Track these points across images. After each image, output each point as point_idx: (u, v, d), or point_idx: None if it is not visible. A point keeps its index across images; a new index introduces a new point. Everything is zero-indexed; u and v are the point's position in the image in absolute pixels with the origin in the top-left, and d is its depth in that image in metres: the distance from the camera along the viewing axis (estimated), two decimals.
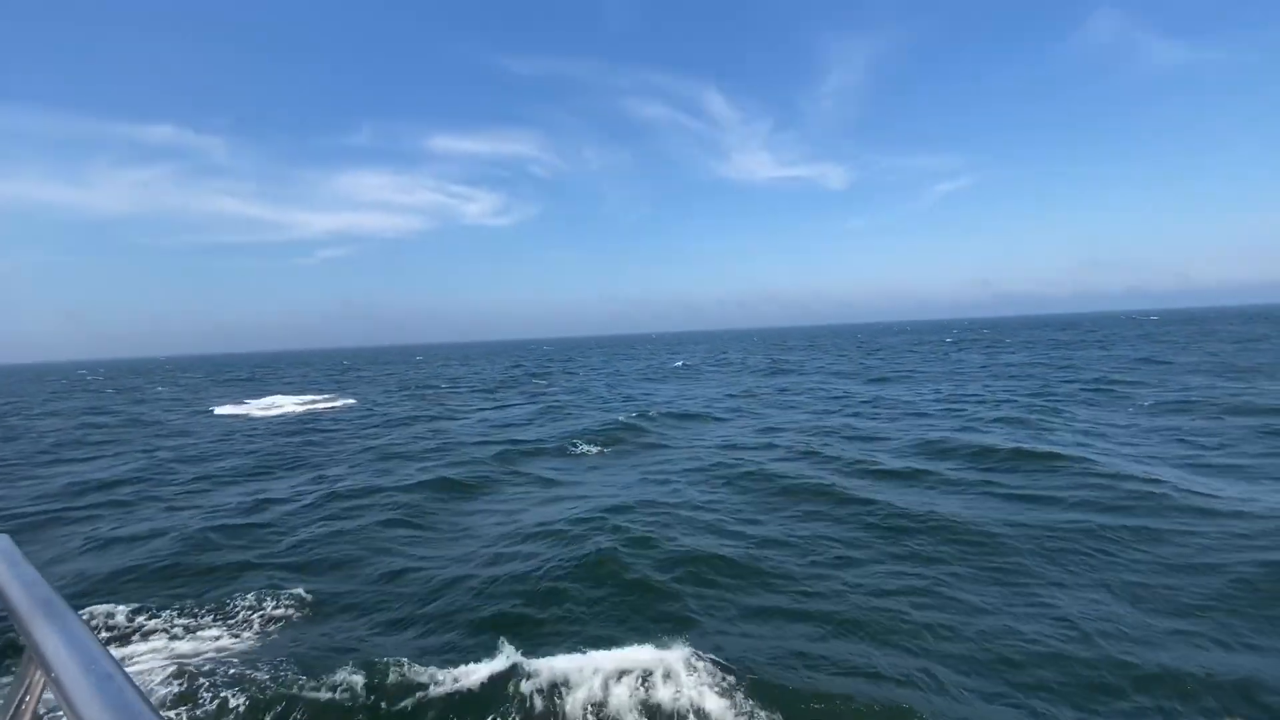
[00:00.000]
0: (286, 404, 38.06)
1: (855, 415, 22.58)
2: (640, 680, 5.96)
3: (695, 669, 6.10)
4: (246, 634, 7.50)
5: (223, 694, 5.89)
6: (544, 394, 37.71)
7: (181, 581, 9.26)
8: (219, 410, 35.66)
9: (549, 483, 14.68)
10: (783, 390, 32.80)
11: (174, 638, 7.40)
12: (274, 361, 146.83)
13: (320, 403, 38.59)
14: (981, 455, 14.68)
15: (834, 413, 23.45)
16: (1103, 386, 26.30)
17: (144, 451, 21.80)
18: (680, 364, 61.33)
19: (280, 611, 8.02)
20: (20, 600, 1.01)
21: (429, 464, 16.90)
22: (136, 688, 0.82)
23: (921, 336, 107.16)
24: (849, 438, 18.10)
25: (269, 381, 65.48)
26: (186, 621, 7.80)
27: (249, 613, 8.03)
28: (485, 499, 13.56)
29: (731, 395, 31.58)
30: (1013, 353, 51.97)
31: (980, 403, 23.50)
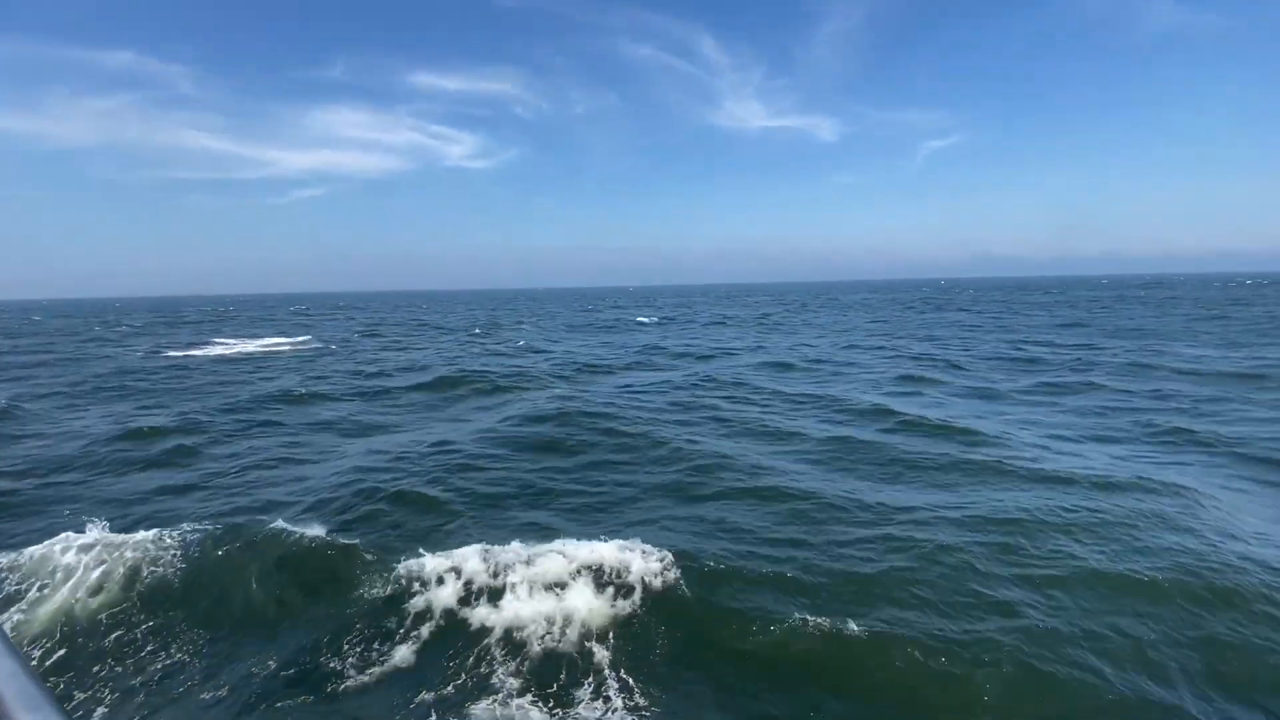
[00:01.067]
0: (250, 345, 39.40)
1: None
2: None
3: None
4: None
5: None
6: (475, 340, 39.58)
7: None
8: (172, 352, 35.94)
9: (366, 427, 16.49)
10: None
11: None
12: (243, 305, 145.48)
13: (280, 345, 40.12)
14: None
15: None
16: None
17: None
18: (616, 319, 63.09)
19: None
20: (6, 694, 0.95)
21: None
22: None
23: (891, 296, 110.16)
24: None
25: (243, 324, 65.78)
26: None
27: None
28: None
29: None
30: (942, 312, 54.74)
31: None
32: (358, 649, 6.40)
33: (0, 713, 0.92)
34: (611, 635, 6.44)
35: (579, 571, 7.31)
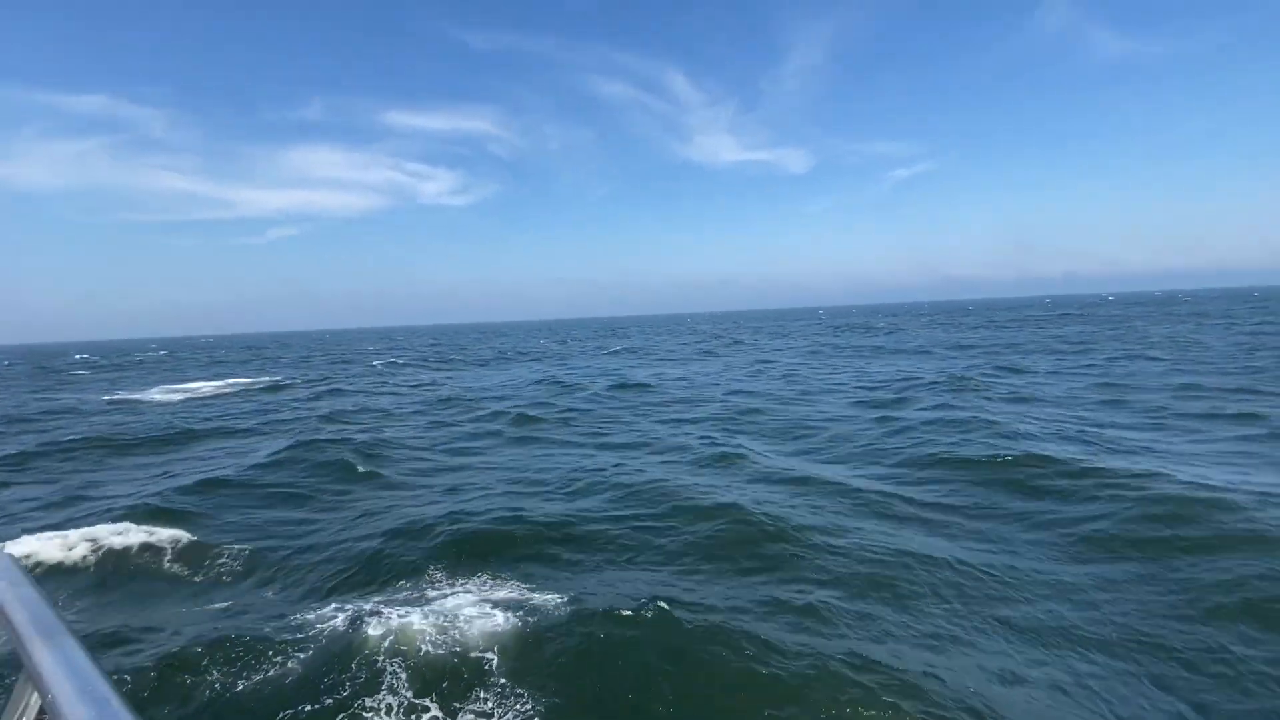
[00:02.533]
0: (204, 388, 35.66)
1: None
2: None
3: None
4: None
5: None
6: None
7: None
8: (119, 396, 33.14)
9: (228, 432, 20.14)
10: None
11: None
12: (221, 344, 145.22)
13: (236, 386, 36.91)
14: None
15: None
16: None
17: None
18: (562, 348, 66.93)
19: None
20: (19, 620, 0.99)
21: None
22: (133, 711, 0.82)
23: (836, 322, 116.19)
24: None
25: (226, 365, 62.49)
26: None
27: None
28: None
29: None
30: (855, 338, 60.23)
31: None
32: None
33: (17, 638, 0.94)
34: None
35: None
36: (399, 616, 6.71)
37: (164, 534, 9.77)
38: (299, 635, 6.51)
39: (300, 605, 7.55)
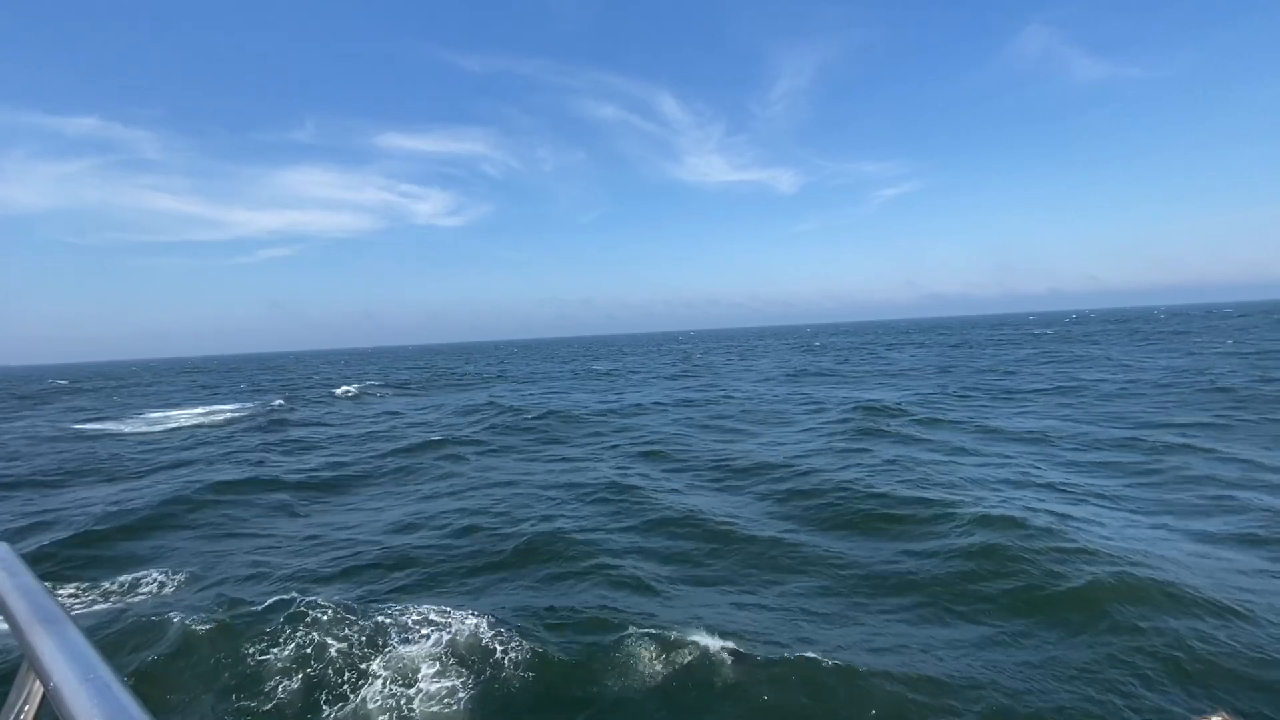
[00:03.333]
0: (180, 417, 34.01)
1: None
2: None
3: None
4: None
5: None
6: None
7: None
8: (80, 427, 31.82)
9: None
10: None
11: None
12: (207, 366, 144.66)
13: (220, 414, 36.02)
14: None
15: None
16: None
17: None
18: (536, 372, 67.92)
19: None
20: (19, 608, 0.99)
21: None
22: (135, 696, 0.83)
23: (806, 339, 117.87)
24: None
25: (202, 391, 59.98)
26: None
27: None
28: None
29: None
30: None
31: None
32: None
33: (18, 626, 0.95)
34: None
35: None
36: None
37: None
38: None
39: None
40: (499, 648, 6.97)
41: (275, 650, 7.09)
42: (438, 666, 6.77)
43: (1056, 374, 32.17)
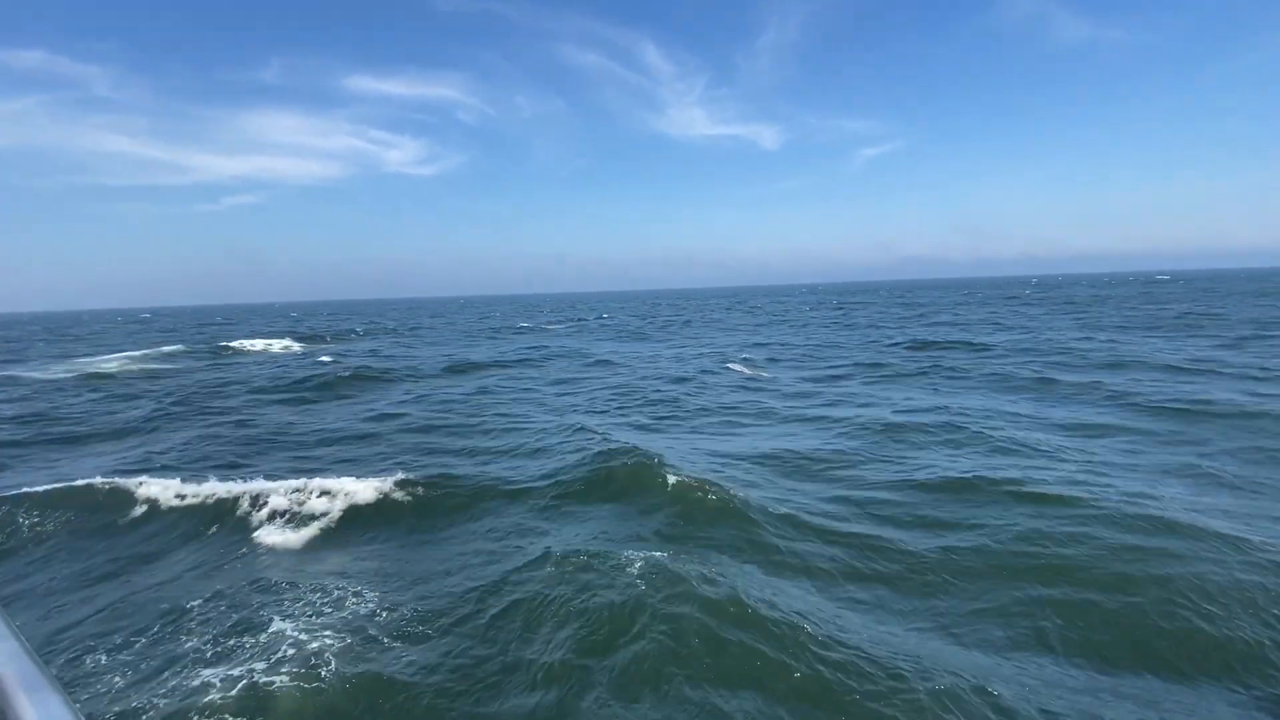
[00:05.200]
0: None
1: None
2: None
3: None
4: None
5: None
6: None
7: None
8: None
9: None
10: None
11: None
12: (163, 315, 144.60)
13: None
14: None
15: None
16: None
17: None
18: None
19: None
20: (4, 674, 0.97)
21: None
22: None
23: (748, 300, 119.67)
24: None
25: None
26: None
27: None
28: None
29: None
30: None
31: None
32: None
33: (2, 693, 0.93)
34: None
35: None
36: None
37: None
38: None
39: None
40: None
41: None
42: None
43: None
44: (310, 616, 6.97)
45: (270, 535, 9.80)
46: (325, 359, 33.55)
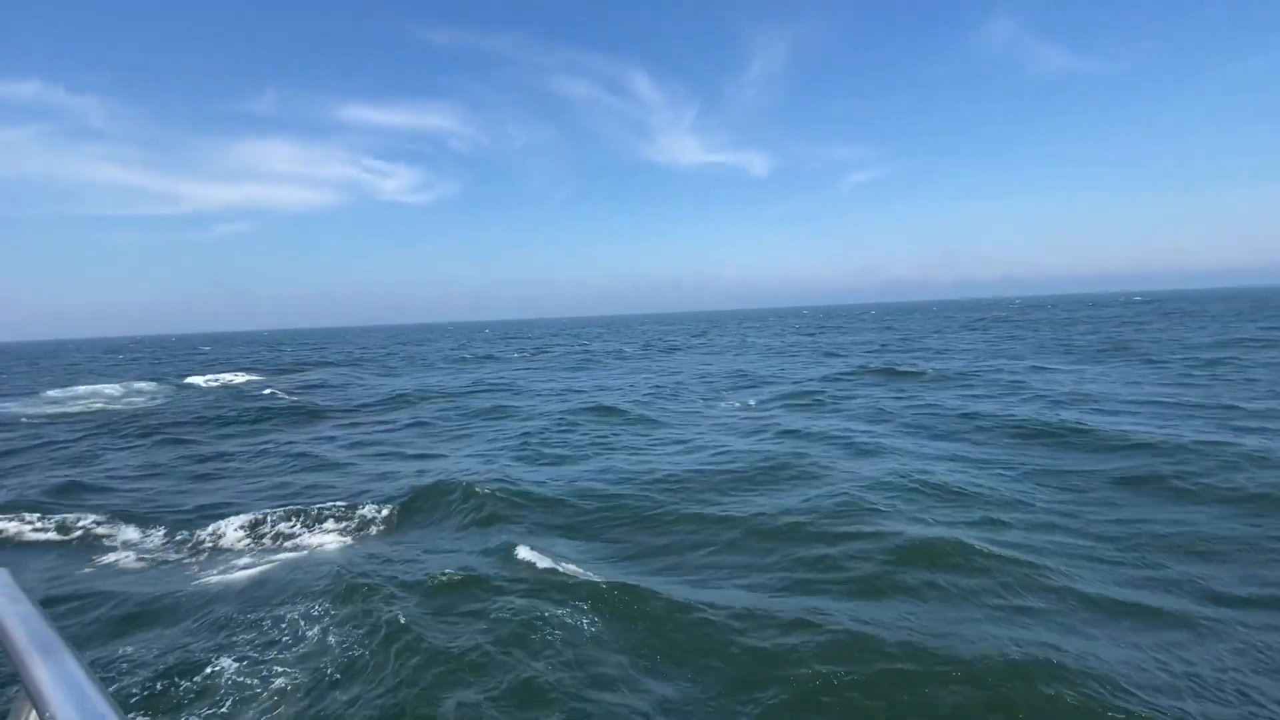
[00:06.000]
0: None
1: None
2: None
3: None
4: None
5: None
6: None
7: None
8: None
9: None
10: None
11: None
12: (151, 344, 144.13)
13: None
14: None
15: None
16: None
17: None
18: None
19: None
20: (18, 637, 0.99)
21: None
22: None
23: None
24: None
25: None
26: None
27: None
28: None
29: None
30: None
31: None
32: None
33: (16, 655, 0.94)
34: None
35: None
36: None
37: None
38: None
39: None
40: None
41: None
42: None
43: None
44: None
45: None
46: (268, 392, 34.45)
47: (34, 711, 0.90)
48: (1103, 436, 13.41)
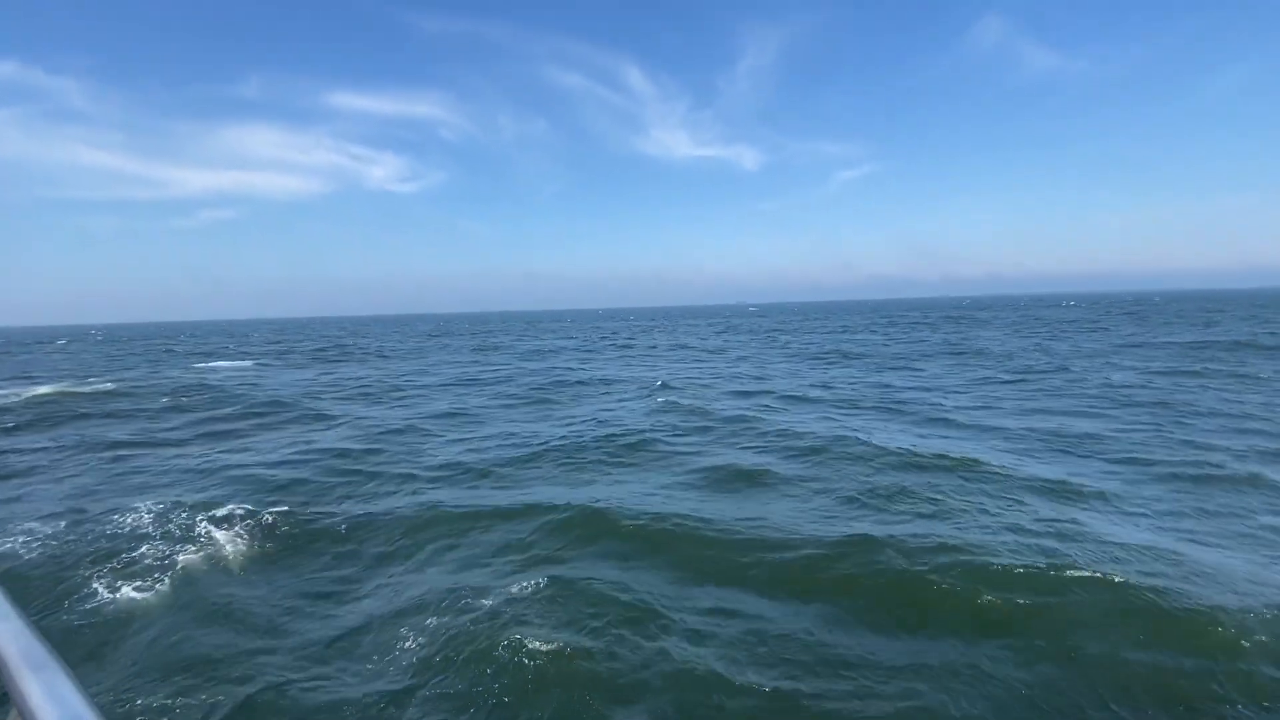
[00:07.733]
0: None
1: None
2: None
3: None
4: None
5: None
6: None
7: None
8: None
9: None
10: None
11: None
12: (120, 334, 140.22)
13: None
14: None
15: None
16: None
17: None
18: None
19: None
20: (9, 653, 0.98)
21: None
22: None
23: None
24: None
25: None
26: None
27: None
28: None
29: None
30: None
31: None
32: None
33: (6, 670, 0.92)
34: None
35: None
36: None
37: None
38: None
39: None
40: None
41: None
42: None
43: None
44: None
45: None
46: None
47: None
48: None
